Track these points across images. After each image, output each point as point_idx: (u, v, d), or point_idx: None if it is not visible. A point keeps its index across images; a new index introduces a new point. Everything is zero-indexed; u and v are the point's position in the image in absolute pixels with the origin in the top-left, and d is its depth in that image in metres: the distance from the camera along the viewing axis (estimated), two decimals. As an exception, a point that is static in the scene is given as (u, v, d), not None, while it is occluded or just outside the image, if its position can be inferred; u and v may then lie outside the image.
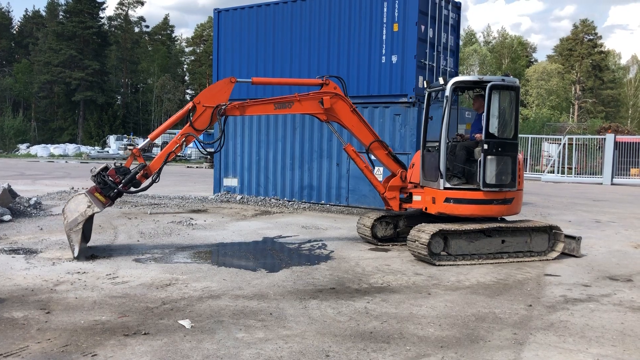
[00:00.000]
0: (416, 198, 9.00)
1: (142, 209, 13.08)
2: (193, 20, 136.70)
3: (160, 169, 8.28)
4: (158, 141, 51.46)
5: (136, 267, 7.32)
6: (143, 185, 8.21)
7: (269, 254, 8.57)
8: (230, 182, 15.49)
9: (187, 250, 8.56)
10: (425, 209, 8.77)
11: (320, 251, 8.79)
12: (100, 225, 10.48)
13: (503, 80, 8.37)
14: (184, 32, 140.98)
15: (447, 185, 8.34)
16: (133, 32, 77.92)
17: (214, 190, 15.94)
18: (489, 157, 8.18)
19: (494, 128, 8.22)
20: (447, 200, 8.35)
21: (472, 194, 8.30)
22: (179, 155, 46.33)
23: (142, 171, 8.08)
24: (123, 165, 8.19)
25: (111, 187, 7.92)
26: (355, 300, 6.05)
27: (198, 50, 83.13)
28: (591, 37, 70.47)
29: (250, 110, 8.88)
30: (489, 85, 8.21)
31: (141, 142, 39.91)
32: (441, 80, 8.62)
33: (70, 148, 54.49)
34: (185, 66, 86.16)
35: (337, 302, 5.93)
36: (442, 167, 8.33)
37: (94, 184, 8.01)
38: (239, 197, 15.01)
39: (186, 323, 5.11)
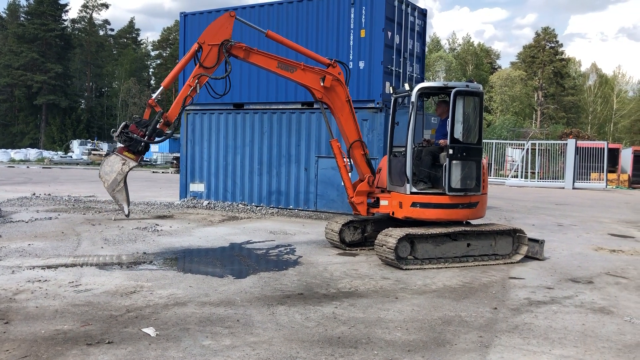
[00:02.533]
0: (383, 203, 9.04)
1: (106, 215, 12.83)
2: (159, 23, 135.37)
3: (179, 116, 8.19)
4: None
5: (100, 274, 7.17)
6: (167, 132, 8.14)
7: (236, 260, 8.50)
8: (197, 187, 15.32)
9: (153, 256, 8.42)
10: (393, 213, 8.83)
11: (289, 256, 8.76)
12: (62, 232, 10.24)
13: (467, 86, 8.49)
14: (150, 36, 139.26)
15: (414, 189, 8.42)
16: (97, 35, 76.59)
17: (180, 195, 15.74)
18: (454, 161, 8.29)
19: (458, 133, 8.33)
20: (413, 204, 8.42)
21: (438, 198, 8.39)
22: (145, 160, 45.67)
23: (162, 119, 7.92)
24: (142, 118, 7.99)
25: (138, 141, 7.73)
26: (323, 305, 6.04)
27: (164, 54, 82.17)
28: (552, 45, 72.25)
29: (254, 57, 8.75)
30: (453, 91, 8.32)
31: (105, 147, 38.84)
32: (407, 86, 8.71)
33: (32, 153, 53.16)
34: (152, 70, 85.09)
35: (305, 308, 5.91)
36: (408, 172, 8.41)
37: (120, 145, 7.84)
38: (205, 202, 14.86)
39: (151, 331, 5.02)
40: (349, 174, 9.31)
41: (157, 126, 7.87)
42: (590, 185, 30.19)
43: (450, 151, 8.26)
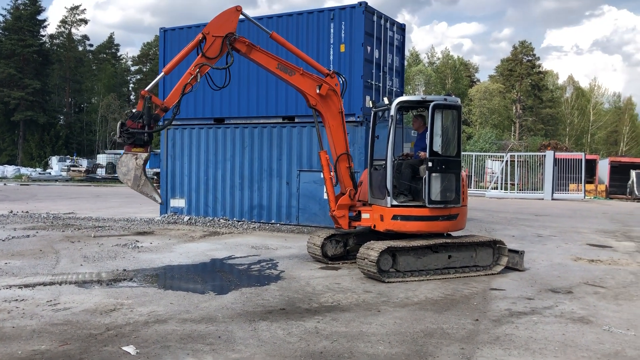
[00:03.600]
0: (365, 216, 9.06)
1: (85, 232, 12.67)
2: (139, 38, 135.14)
3: (179, 102, 8.21)
4: (102, 162, 50.25)
5: (79, 292, 7.07)
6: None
7: (217, 276, 8.44)
8: (178, 203, 15.23)
9: (133, 273, 8.32)
10: (374, 226, 8.86)
11: (271, 271, 8.72)
12: (40, 250, 10.08)
13: (445, 99, 8.60)
14: (129, 51, 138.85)
15: (394, 202, 8.46)
16: (76, 51, 75.98)
17: (160, 211, 15.62)
18: (433, 174, 8.37)
19: (437, 146, 8.42)
20: (394, 217, 8.46)
21: (419, 210, 8.44)
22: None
23: (153, 104, 7.95)
24: (134, 110, 7.93)
25: (139, 133, 7.76)
26: (305, 320, 6.02)
27: (144, 69, 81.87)
28: (530, 58, 73.45)
29: (256, 54, 8.79)
30: (431, 104, 8.41)
31: (85, 163, 38.24)
32: (386, 100, 8.80)
33: (9, 170, 52.33)
34: (132, 85, 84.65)
35: (287, 323, 5.89)
36: (388, 185, 8.45)
37: (125, 145, 7.88)
38: (186, 218, 14.76)
39: (131, 349, 4.95)
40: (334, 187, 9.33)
41: (153, 112, 7.86)
42: (569, 196, 30.59)
43: (430, 164, 8.33)
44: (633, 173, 31.51)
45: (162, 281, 8.08)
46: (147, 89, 7.97)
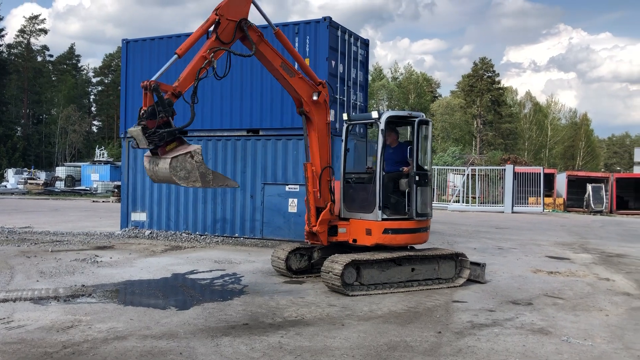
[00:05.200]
0: (341, 230, 8.92)
1: (42, 247, 12.30)
2: (101, 49, 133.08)
3: (196, 89, 7.49)
4: (61, 174, 49.04)
5: (34, 309, 6.84)
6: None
7: (179, 291, 8.30)
8: (139, 216, 14.94)
9: (92, 289, 8.11)
10: (354, 241, 8.81)
11: (234, 286, 8.62)
12: (-6, 266, 9.73)
13: (424, 115, 8.98)
14: (91, 62, 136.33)
15: (384, 216, 8.55)
16: (35, 61, 74.25)
17: (121, 225, 15.29)
18: (419, 187, 8.66)
19: (421, 160, 8.77)
20: (385, 231, 8.53)
21: (407, 223, 8.67)
22: (85, 189, 44.30)
23: (169, 91, 7.11)
24: (145, 108, 6.97)
25: (165, 130, 6.95)
26: (269, 335, 5.96)
27: (106, 80, 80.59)
28: (490, 75, 75.21)
29: (263, 47, 8.33)
30: (417, 120, 8.74)
31: (43, 176, 37.16)
32: (375, 114, 8.80)
33: (-37, 182, 50.58)
34: (93, 96, 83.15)
35: (251, 338, 5.82)
36: (378, 199, 8.50)
37: (157, 147, 7.06)
38: (147, 232, 14.49)
39: (89, 368, 4.80)
40: (292, 202, 9.26)
41: (165, 97, 7.04)
42: (528, 209, 31.28)
43: (417, 178, 8.60)
44: (589, 187, 32.44)
45: (122, 297, 7.90)
46: (154, 78, 7.07)
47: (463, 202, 32.91)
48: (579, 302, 7.98)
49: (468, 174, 33.27)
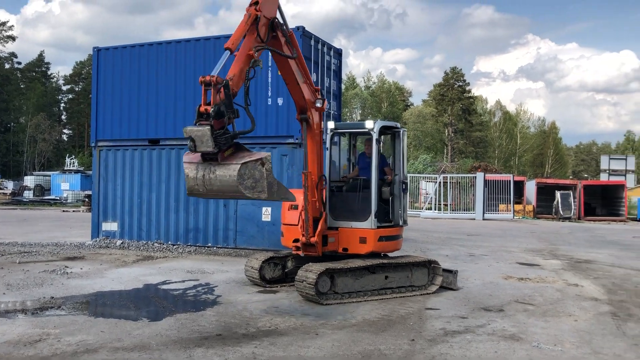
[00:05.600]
0: (331, 240, 8.82)
1: (9, 258, 12.01)
2: (71, 57, 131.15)
3: (247, 88, 7.16)
4: (30, 184, 47.99)
5: (1, 322, 6.67)
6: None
7: (151, 302, 8.19)
8: (110, 226, 14.71)
9: (61, 301, 7.95)
10: (345, 250, 8.79)
11: (207, 296, 8.54)
12: (-42, 278, 9.47)
13: (402, 126, 9.35)
14: (61, 70, 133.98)
15: (379, 224, 8.71)
16: (3, 69, 72.72)
17: (91, 235, 15.03)
18: (405, 195, 9.05)
19: (405, 169, 9.19)
20: (381, 238, 8.72)
21: (396, 230, 9.01)
22: (54, 199, 43.43)
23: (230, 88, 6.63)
24: (206, 107, 6.37)
25: (238, 132, 6.49)
26: (242, 345, 5.92)
27: (77, 88, 79.36)
28: (460, 84, 76.25)
29: (287, 48, 7.93)
30: (402, 130, 9.15)
31: (11, 185, 36.07)
32: (369, 124, 8.98)
33: None
34: (63, 105, 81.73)
35: (224, 349, 5.77)
36: (374, 207, 8.64)
37: (219, 151, 6.27)
38: (119, 242, 14.28)
39: (58, 382, 4.70)
40: (266, 210, 9.24)
41: (222, 92, 6.55)
42: (499, 216, 31.72)
43: (404, 186, 9.01)
44: (558, 194, 33.06)
45: (93, 308, 7.76)
46: (215, 72, 6.53)
47: (435, 210, 33.23)
48: (548, 308, 8.12)
49: (440, 182, 33.62)
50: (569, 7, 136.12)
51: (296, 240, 8.91)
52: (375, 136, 8.78)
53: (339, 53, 14.74)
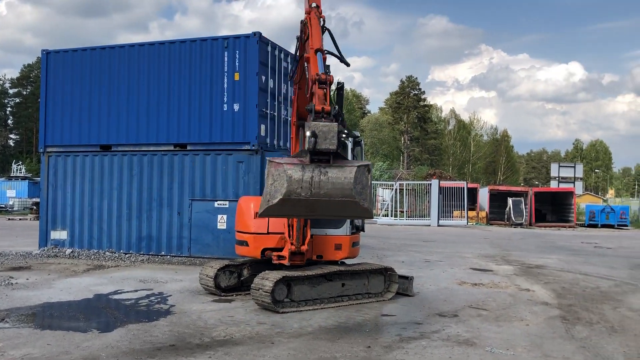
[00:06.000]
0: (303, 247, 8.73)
1: (-50, 269, 11.46)
2: (19, 60, 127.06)
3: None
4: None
5: (-62, 337, 6.33)
6: None
7: (102, 313, 7.94)
8: (59, 234, 14.23)
9: (5, 313, 7.61)
10: (319, 257, 8.76)
11: (160, 306, 8.34)
12: None
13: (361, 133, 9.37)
14: (8, 73, 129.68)
15: (353, 230, 8.84)
16: (-56, 70, 69.84)
17: (39, 244, 14.50)
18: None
19: None
20: (353, 244, 8.87)
21: (359, 236, 9.18)
22: (0, 207, 41.82)
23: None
24: (324, 106, 6.09)
25: (353, 134, 6.30)
26: (196, 356, 5.79)
27: (25, 92, 76.84)
28: (416, 92, 77.62)
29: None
30: (362, 139, 9.39)
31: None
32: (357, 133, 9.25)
33: None
34: (9, 109, 78.94)
35: (177, 360, 5.63)
36: None
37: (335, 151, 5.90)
38: (68, 251, 13.83)
39: (-1, 399, 4.48)
40: (221, 218, 9.09)
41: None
42: (453, 222, 32.28)
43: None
44: (510, 200, 33.89)
45: (39, 320, 7.46)
46: (320, 71, 6.38)
47: (392, 216, 33.56)
48: (501, 313, 8.27)
49: (396, 189, 33.99)
50: (521, 18, 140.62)
51: (275, 250, 8.68)
52: (349, 145, 8.88)
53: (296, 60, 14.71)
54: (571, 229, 32.35)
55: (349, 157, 8.82)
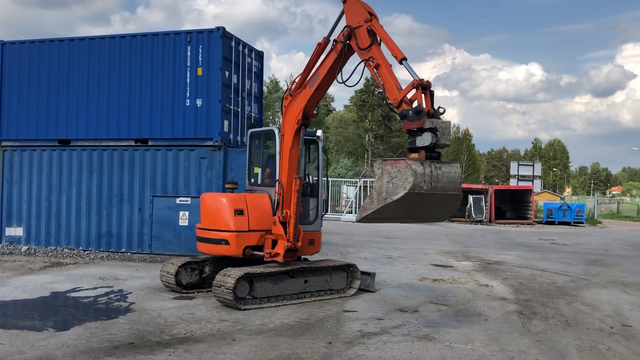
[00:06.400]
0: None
1: None
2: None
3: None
4: None
5: None
6: None
7: (59, 311, 7.76)
8: (14, 231, 13.82)
9: (-44, 312, 7.37)
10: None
11: (119, 304, 8.20)
12: None
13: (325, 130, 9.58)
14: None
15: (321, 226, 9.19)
16: None
17: (-7, 241, 14.07)
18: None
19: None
20: (320, 239, 9.14)
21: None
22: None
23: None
24: (431, 108, 6.55)
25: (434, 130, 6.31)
26: (155, 354, 5.72)
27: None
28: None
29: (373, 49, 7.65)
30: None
31: None
32: (319, 132, 9.37)
33: None
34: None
35: (136, 358, 5.56)
36: (322, 209, 9.09)
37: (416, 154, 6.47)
38: (24, 248, 13.45)
39: (-52, 401, 4.34)
40: (183, 215, 9.07)
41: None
42: (416, 220, 32.61)
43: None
44: (470, 198, 34.45)
45: (-8, 319, 7.25)
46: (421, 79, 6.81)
47: (356, 213, 33.74)
48: (460, 308, 8.42)
49: (360, 186, 34.19)
50: (483, 19, 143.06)
51: (256, 248, 8.70)
52: (321, 144, 9.23)
53: (260, 55, 14.65)
54: (529, 226, 33.13)
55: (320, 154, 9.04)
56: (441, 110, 6.57)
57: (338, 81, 8.06)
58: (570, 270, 13.09)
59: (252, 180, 9.69)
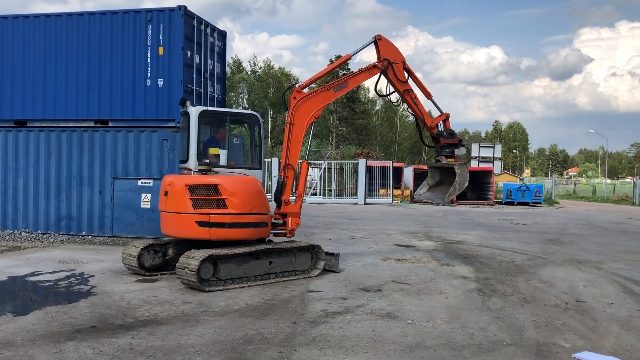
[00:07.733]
0: (278, 222, 9.44)
1: None
2: None
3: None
4: None
5: None
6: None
7: (17, 295, 7.60)
8: (-31, 215, 13.42)
9: None
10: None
11: (80, 287, 8.08)
12: None
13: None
14: None
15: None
16: None
17: (-53, 225, 13.62)
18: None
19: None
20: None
21: None
22: None
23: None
24: (445, 131, 10.94)
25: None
26: (118, 337, 5.67)
27: None
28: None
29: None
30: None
31: None
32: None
33: None
34: None
35: (98, 341, 5.50)
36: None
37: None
38: (-20, 232, 13.07)
39: None
40: (145, 197, 8.97)
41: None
42: (379, 201, 33.01)
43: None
44: (433, 179, 35.00)
45: (-53, 305, 7.05)
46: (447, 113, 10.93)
47: (320, 195, 33.88)
48: (422, 287, 8.60)
49: (325, 168, 34.29)
50: (446, 2, 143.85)
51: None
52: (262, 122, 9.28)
53: (223, 35, 14.44)
54: (490, 207, 33.89)
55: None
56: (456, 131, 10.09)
57: (378, 93, 11.74)
58: (528, 249, 13.47)
59: (207, 161, 9.14)
